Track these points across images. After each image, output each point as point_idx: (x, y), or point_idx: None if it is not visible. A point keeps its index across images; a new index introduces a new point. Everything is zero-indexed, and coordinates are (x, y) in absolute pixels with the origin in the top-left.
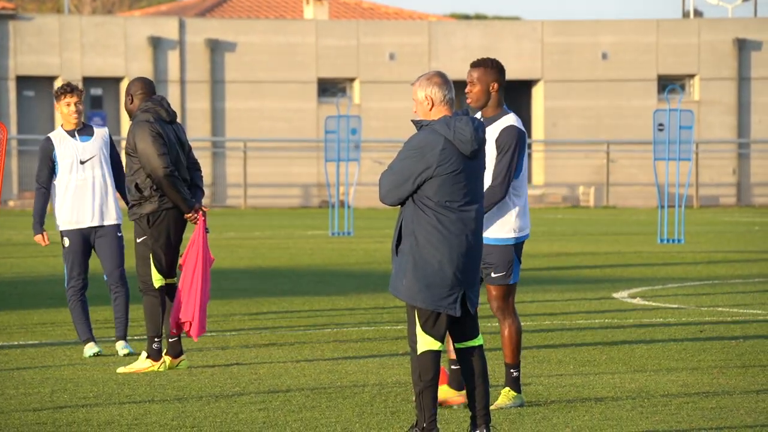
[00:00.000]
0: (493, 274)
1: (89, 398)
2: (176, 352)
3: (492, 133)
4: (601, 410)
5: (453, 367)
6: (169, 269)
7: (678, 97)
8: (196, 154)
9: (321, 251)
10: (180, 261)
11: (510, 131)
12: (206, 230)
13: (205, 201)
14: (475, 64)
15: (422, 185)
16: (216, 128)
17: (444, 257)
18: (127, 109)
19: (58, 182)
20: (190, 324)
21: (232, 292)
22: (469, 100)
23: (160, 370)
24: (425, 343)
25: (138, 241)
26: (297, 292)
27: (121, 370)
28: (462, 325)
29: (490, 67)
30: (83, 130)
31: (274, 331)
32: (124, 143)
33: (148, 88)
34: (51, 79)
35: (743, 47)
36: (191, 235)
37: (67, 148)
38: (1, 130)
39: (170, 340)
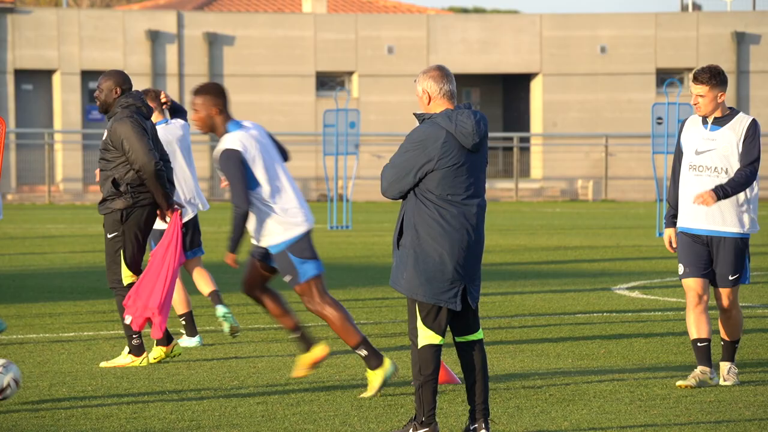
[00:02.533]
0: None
1: (88, 392)
2: (165, 339)
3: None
4: (599, 404)
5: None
6: (137, 266)
7: (677, 91)
8: (195, 147)
9: (320, 245)
10: (151, 251)
11: (224, 155)
12: (183, 227)
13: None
14: (197, 92)
15: (424, 178)
16: None
17: (445, 251)
18: (102, 102)
19: None
20: (152, 315)
21: (230, 285)
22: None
23: (142, 365)
24: (426, 337)
25: (109, 236)
26: None
27: (103, 364)
28: (463, 320)
29: (213, 93)
30: None
31: (272, 324)
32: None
33: (129, 84)
34: (49, 73)
35: (742, 41)
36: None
37: None
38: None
39: (135, 342)
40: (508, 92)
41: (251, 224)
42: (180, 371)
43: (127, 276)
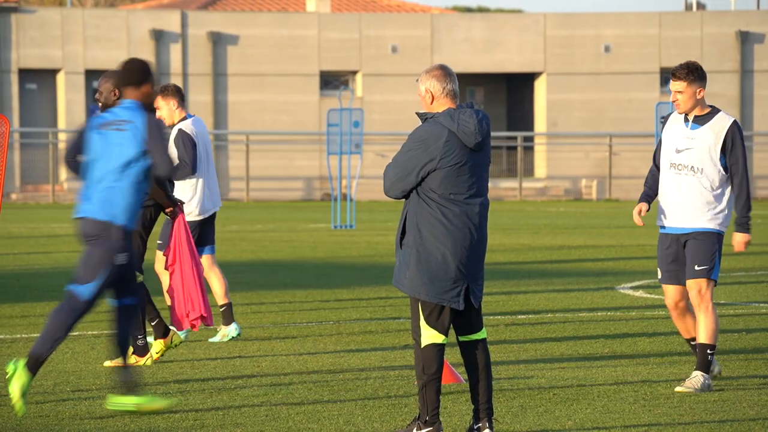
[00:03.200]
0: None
1: (92, 391)
2: (162, 332)
3: None
4: (603, 403)
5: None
6: (137, 266)
7: None
8: None
9: (323, 244)
10: (168, 261)
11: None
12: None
13: None
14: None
15: (426, 178)
16: (218, 121)
17: (448, 250)
18: (103, 104)
19: None
20: (203, 317)
21: (234, 285)
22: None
23: (147, 364)
24: (429, 336)
25: None
26: (299, 285)
27: (108, 363)
28: (466, 319)
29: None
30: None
31: (276, 324)
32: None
33: None
34: (53, 72)
35: (746, 40)
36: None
37: None
38: (3, 123)
39: (153, 323)
40: (512, 91)
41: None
42: (184, 370)
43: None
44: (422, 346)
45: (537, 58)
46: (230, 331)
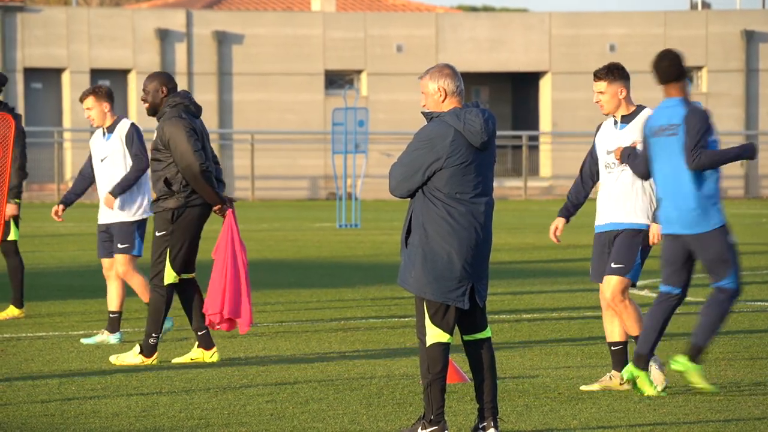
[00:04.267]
0: None
1: (97, 390)
2: (208, 344)
3: None
4: (608, 402)
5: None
6: (188, 265)
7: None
8: None
9: (328, 243)
10: (212, 255)
11: None
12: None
13: None
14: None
15: (432, 177)
16: (223, 120)
17: (453, 249)
18: (150, 103)
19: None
20: (221, 316)
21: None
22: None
23: (153, 363)
24: (434, 335)
25: (158, 234)
26: (304, 285)
27: (112, 359)
28: (471, 318)
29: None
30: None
31: (281, 323)
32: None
33: (174, 83)
34: (59, 71)
35: (751, 39)
36: (221, 228)
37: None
38: (8, 122)
39: (200, 333)
40: (517, 91)
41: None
42: (189, 369)
43: (170, 276)
44: (427, 345)
45: (542, 57)
46: (111, 338)
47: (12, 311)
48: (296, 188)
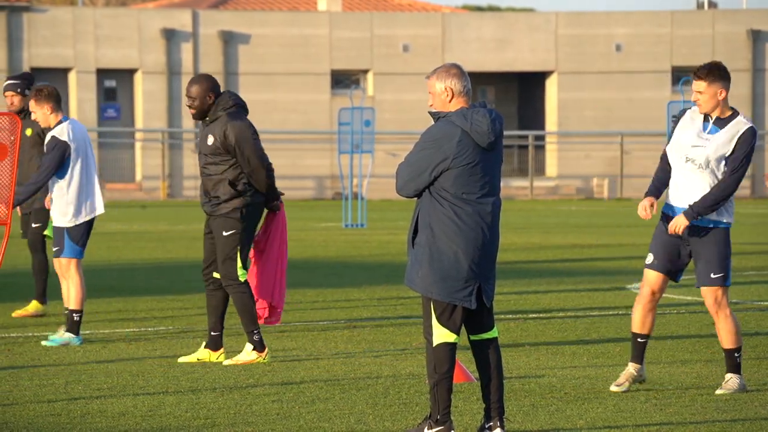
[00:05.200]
0: None
1: (103, 390)
2: (217, 345)
3: None
4: (614, 402)
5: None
6: (244, 263)
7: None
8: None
9: (334, 243)
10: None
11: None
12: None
13: None
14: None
15: (439, 177)
16: None
17: (460, 249)
18: (198, 108)
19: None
20: (270, 308)
21: None
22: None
23: (266, 361)
24: (441, 335)
25: (226, 234)
26: (310, 284)
27: (227, 362)
28: (478, 318)
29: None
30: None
31: (287, 322)
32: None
33: (218, 86)
34: (65, 71)
35: (757, 38)
36: (268, 221)
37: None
38: (15, 123)
39: (213, 333)
40: (523, 90)
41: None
42: (195, 369)
43: (242, 273)
44: (434, 345)
45: (548, 57)
46: (73, 340)
47: (35, 306)
48: (302, 188)
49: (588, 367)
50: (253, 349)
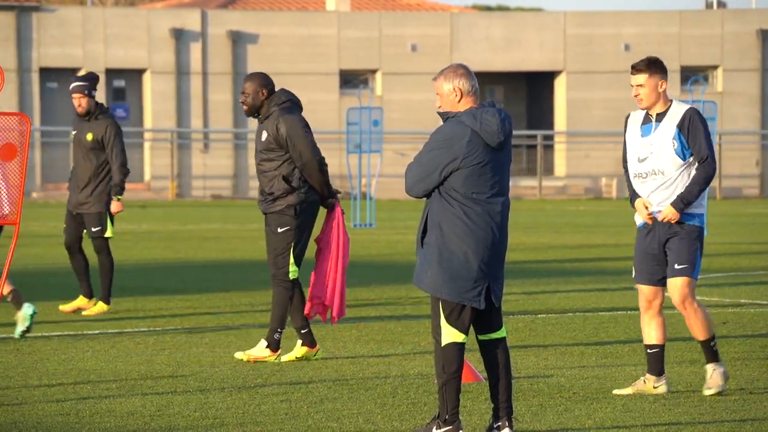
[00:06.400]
0: None
1: (112, 389)
2: (311, 341)
3: None
4: (623, 402)
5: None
6: (299, 260)
7: (701, 89)
8: (218, 145)
9: None
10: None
11: None
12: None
13: (226, 192)
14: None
15: (449, 177)
16: (238, 120)
17: (470, 249)
18: (251, 105)
19: None
20: (324, 306)
21: (254, 283)
22: None
23: (276, 361)
24: (449, 335)
25: (280, 231)
26: None
27: (238, 355)
28: (486, 318)
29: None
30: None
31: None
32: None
33: (272, 83)
34: (74, 71)
35: (767, 38)
36: (326, 219)
37: None
38: (24, 122)
39: (303, 331)
40: (532, 90)
41: None
42: (204, 369)
43: (294, 271)
44: (442, 344)
45: (557, 56)
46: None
47: (101, 307)
48: None
49: (596, 367)
50: (267, 347)
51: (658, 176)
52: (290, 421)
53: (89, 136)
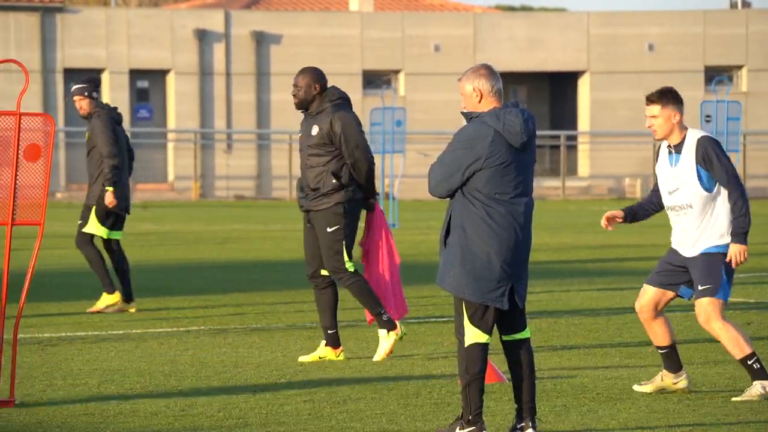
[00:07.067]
0: None
1: (136, 389)
2: (336, 342)
3: None
4: (647, 403)
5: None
6: (350, 254)
7: (726, 89)
8: (242, 146)
9: None
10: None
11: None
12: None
13: (249, 193)
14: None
15: (471, 177)
16: (261, 120)
17: (492, 250)
18: (302, 99)
19: None
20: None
21: (277, 284)
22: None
23: (401, 334)
24: (473, 335)
25: (330, 230)
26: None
27: (376, 358)
28: (510, 318)
29: None
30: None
31: (318, 322)
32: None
33: (326, 79)
34: (98, 72)
35: None
36: (368, 220)
37: None
38: (49, 124)
39: (330, 331)
40: (555, 90)
41: None
42: (227, 369)
43: (350, 264)
44: (466, 345)
45: (580, 56)
46: None
47: (105, 300)
48: None
49: (620, 367)
50: (388, 331)
51: (688, 211)
52: (313, 422)
53: (87, 136)
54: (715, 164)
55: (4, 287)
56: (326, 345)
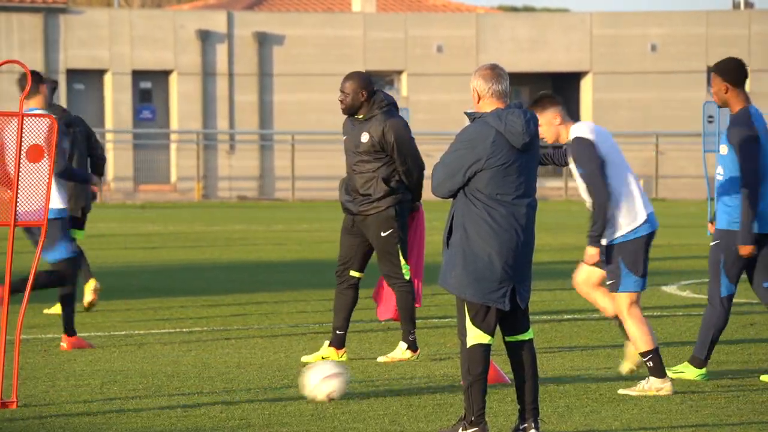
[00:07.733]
0: None
1: (139, 390)
2: (340, 343)
3: None
4: (650, 404)
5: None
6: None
7: None
8: (244, 147)
9: None
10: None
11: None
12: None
13: (252, 194)
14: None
15: (473, 178)
16: (264, 121)
17: (494, 251)
18: (349, 104)
19: None
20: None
21: (280, 284)
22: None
23: (413, 359)
24: (475, 336)
25: (384, 234)
26: None
27: (381, 359)
28: (513, 319)
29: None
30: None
31: (321, 323)
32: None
33: (373, 85)
34: (101, 73)
35: None
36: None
37: None
38: (51, 124)
39: (339, 332)
40: (558, 91)
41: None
42: (230, 370)
43: (407, 270)
44: (468, 346)
45: (583, 57)
46: None
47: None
48: (337, 189)
49: None
50: (407, 348)
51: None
52: (316, 422)
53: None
54: (577, 166)
55: (6, 287)
56: (330, 345)
